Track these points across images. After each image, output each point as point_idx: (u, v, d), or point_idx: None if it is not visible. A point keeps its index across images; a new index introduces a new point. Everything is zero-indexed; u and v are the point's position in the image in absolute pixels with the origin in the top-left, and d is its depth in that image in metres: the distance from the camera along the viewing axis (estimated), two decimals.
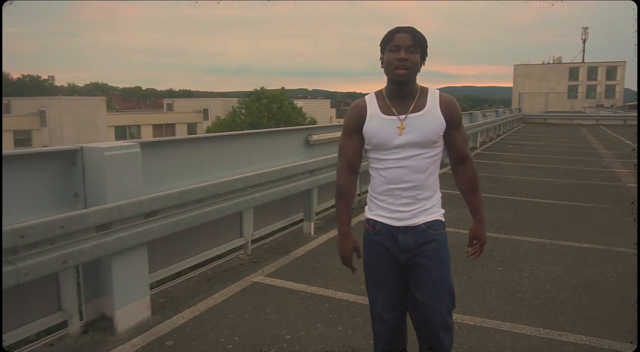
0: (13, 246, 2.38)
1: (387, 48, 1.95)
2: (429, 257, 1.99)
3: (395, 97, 1.97)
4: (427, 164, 1.98)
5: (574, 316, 3.44)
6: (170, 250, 3.73)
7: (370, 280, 2.13)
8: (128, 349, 2.91)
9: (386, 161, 1.98)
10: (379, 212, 2.04)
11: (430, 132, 1.95)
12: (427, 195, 2.01)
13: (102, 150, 2.90)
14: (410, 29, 1.94)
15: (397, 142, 1.94)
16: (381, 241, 2.03)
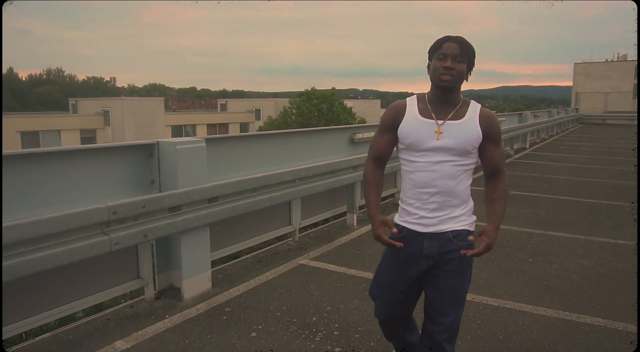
0: (107, 220, 2.95)
1: (434, 56, 1.98)
2: (450, 266, 2.00)
3: (436, 103, 1.99)
4: (457, 171, 1.98)
5: (594, 302, 3.70)
6: (227, 234, 4.25)
7: (380, 284, 2.18)
8: (193, 312, 3.44)
9: (416, 163, 1.99)
10: (406, 217, 2.06)
11: (465, 141, 1.96)
12: (456, 203, 2.01)
13: (175, 144, 3.45)
14: (459, 39, 1.96)
15: (430, 145, 1.96)
16: (405, 245, 2.03)
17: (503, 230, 5.69)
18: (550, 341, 3.11)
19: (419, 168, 1.99)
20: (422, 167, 1.98)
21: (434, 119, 1.97)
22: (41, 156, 2.92)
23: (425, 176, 1.98)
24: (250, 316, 3.40)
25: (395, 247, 2.03)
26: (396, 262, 2.08)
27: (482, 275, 4.22)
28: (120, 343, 3.00)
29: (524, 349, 3.01)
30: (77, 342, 3.02)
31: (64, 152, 3.09)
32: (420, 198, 2.00)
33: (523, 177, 9.70)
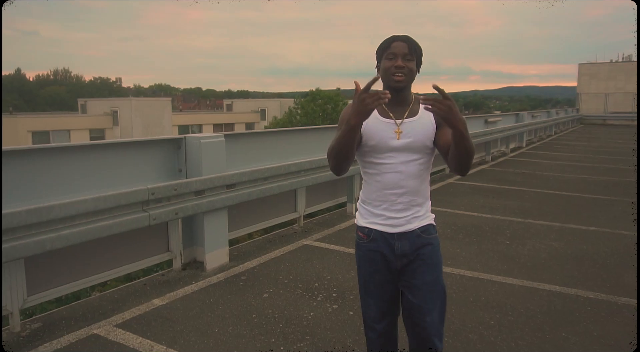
0: (147, 199, 3.62)
1: (383, 56, 1.98)
2: (424, 260, 2.02)
3: (391, 104, 1.97)
4: (421, 170, 2.00)
5: (556, 274, 4.34)
6: (242, 217, 4.91)
7: (363, 288, 2.14)
8: (214, 280, 4.10)
9: (382, 165, 1.98)
10: (372, 219, 2.04)
11: (423, 136, 1.97)
12: (420, 201, 2.03)
13: (199, 139, 4.12)
14: (406, 38, 1.97)
15: (394, 145, 1.96)
16: (376, 248, 2.03)
17: (486, 218, 6.34)
18: (512, 302, 3.75)
19: (386, 170, 1.98)
20: (389, 169, 1.97)
21: (393, 119, 1.97)
22: (98, 147, 3.61)
23: (392, 177, 1.97)
24: (262, 282, 4.06)
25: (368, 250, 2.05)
26: (374, 264, 2.06)
27: (463, 254, 4.86)
28: (157, 300, 3.67)
29: (489, 307, 3.64)
30: (123, 299, 3.69)
31: (116, 144, 3.79)
32: (388, 199, 2.00)
33: (514, 174, 10.32)
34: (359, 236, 2.11)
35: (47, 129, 37.75)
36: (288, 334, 3.18)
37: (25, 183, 3.17)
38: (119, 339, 3.10)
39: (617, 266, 4.61)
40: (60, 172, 3.35)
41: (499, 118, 13.86)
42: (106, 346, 3.01)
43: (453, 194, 8.00)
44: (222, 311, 3.51)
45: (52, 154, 3.38)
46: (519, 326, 3.35)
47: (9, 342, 3.05)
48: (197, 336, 3.14)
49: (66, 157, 3.41)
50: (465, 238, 5.43)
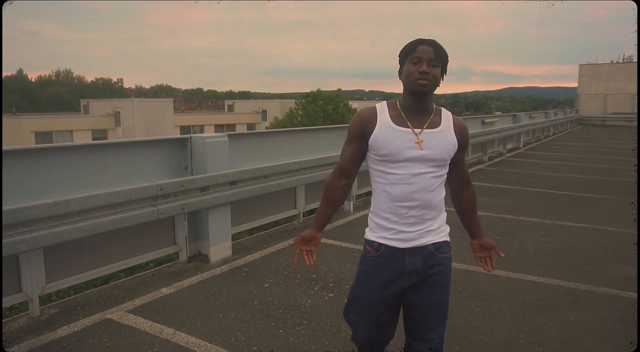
0: (156, 195, 3.87)
1: (407, 60, 1.88)
2: (435, 281, 1.94)
3: (411, 110, 1.90)
4: (435, 183, 1.90)
5: (540, 267, 4.58)
6: (244, 213, 5.16)
7: (357, 305, 2.03)
8: (218, 271, 4.35)
9: (393, 176, 1.89)
10: (382, 233, 1.94)
11: (444, 151, 1.89)
12: (434, 215, 1.94)
13: (204, 138, 4.37)
14: (433, 42, 1.87)
15: (410, 155, 1.85)
16: (384, 264, 1.94)
17: (480, 215, 6.55)
18: (497, 291, 4.00)
19: (396, 181, 1.88)
20: (400, 180, 1.87)
21: (410, 128, 1.87)
22: (111, 146, 3.88)
23: (403, 189, 1.87)
24: (263, 273, 4.31)
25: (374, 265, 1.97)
26: (377, 282, 1.96)
27: (454, 248, 5.04)
28: (165, 289, 3.92)
29: (476, 296, 3.89)
30: (132, 288, 3.94)
31: (127, 143, 4.08)
32: (398, 212, 1.90)
33: (510, 173, 10.56)
34: (367, 249, 1.99)
35: (49, 129, 37.99)
36: (287, 319, 3.43)
37: (47, 179, 3.43)
38: (131, 322, 3.35)
39: (600, 259, 4.86)
40: (77, 169, 3.63)
41: (496, 119, 14.11)
42: (119, 329, 3.26)
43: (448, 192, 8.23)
44: (225, 298, 3.77)
45: (70, 151, 3.66)
46: (502, 312, 3.60)
47: (29, 326, 3.30)
48: (202, 320, 3.39)
49: (82, 155, 3.68)
50: (457, 234, 5.59)
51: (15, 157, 3.31)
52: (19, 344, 3.05)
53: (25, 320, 3.39)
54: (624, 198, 7.95)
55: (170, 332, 3.21)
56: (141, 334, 3.20)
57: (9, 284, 3.34)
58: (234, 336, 3.18)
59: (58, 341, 3.11)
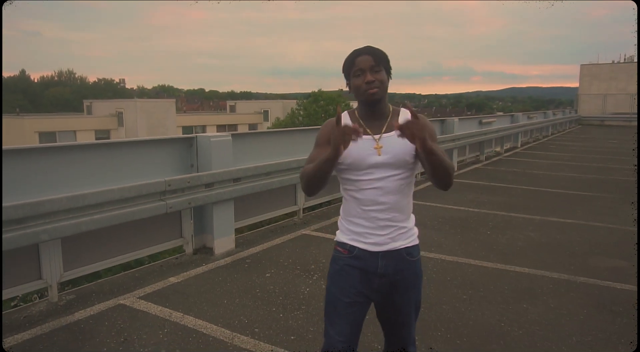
0: (164, 190, 4.15)
1: (351, 74, 1.93)
2: (405, 282, 2.00)
3: (368, 118, 1.96)
4: (401, 185, 1.94)
5: (528, 259, 4.84)
6: (247, 209, 5.43)
7: (332, 306, 2.04)
8: (222, 262, 4.63)
9: (360, 182, 1.93)
10: (355, 237, 1.99)
11: (403, 152, 1.90)
12: (403, 217, 1.98)
13: (209, 137, 4.64)
14: (369, 49, 1.92)
15: (372, 161, 1.90)
16: (356, 264, 1.98)
17: (473, 212, 6.85)
18: (484, 281, 4.26)
19: (364, 186, 1.93)
20: (367, 185, 1.92)
21: (370, 135, 1.93)
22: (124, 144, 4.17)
23: (371, 194, 1.92)
24: (265, 264, 4.58)
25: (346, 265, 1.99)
26: (350, 281, 1.99)
27: (446, 242, 5.37)
28: (173, 278, 4.19)
29: (464, 285, 4.16)
30: (142, 278, 4.22)
31: (138, 142, 4.37)
32: (368, 216, 1.95)
33: (506, 172, 10.82)
34: (338, 251, 2.03)
35: (53, 129, 38.25)
36: (287, 305, 3.70)
37: (66, 174, 3.72)
38: (142, 307, 3.63)
39: (584, 252, 5.12)
40: (94, 165, 3.92)
41: (493, 119, 14.36)
42: (132, 313, 3.54)
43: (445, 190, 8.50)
44: (229, 287, 4.04)
45: (88, 149, 3.97)
46: (487, 299, 3.87)
47: (49, 310, 3.58)
48: (208, 306, 3.67)
49: (99, 152, 3.97)
50: (450, 229, 5.94)
51: (38, 154, 3.60)
52: (41, 326, 3.33)
53: (44, 305, 3.67)
54: (615, 196, 8.20)
55: (179, 316, 3.48)
56: (152, 317, 3.48)
57: (30, 271, 3.62)
58: (237, 319, 3.45)
59: (76, 323, 3.39)
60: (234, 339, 3.17)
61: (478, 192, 8.40)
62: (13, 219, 3.20)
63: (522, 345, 3.16)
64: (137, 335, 3.22)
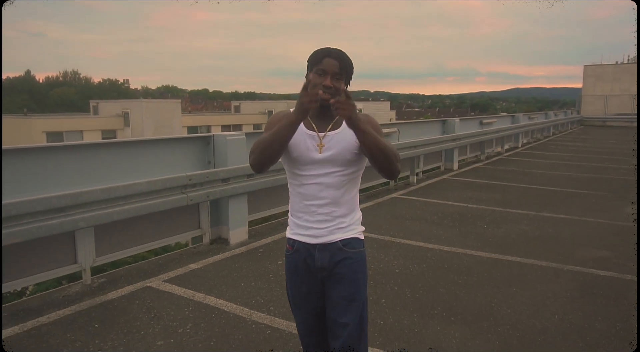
0: (186, 184, 4.54)
1: (313, 70, 1.94)
2: (341, 274, 2.01)
3: (316, 116, 1.99)
4: (343, 181, 1.98)
5: (519, 250, 5.21)
6: (259, 203, 5.82)
7: (292, 300, 2.14)
8: (237, 252, 5.02)
9: (302, 177, 1.99)
10: (297, 230, 2.05)
11: (344, 149, 1.95)
12: (343, 212, 2.01)
13: (225, 136, 5.04)
14: (339, 55, 1.94)
15: (314, 157, 1.95)
16: (299, 259, 2.04)
17: (471, 208, 7.22)
18: (478, 268, 4.64)
19: (306, 181, 1.98)
20: (309, 180, 1.98)
21: (316, 131, 1.98)
22: (148, 142, 4.58)
23: (312, 189, 1.98)
24: (276, 253, 4.97)
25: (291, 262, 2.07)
26: (296, 277, 2.08)
27: (445, 234, 5.74)
28: (193, 265, 4.59)
29: (459, 271, 4.53)
30: (165, 264, 4.62)
31: (160, 140, 4.77)
32: (309, 210, 2.00)
33: (505, 171, 11.18)
34: (286, 247, 2.11)
35: (60, 129, 38.69)
36: None
37: (99, 169, 4.13)
38: (167, 289, 4.02)
39: (573, 244, 5.49)
40: (124, 160, 4.35)
41: (494, 120, 14.71)
42: (158, 294, 3.93)
43: (445, 188, 8.89)
44: (245, 272, 4.43)
45: (118, 146, 4.42)
46: (479, 283, 4.24)
47: (84, 291, 3.98)
48: (227, 288, 4.06)
49: (127, 149, 4.39)
50: (449, 223, 6.31)
51: (75, 151, 4.01)
52: (79, 303, 3.73)
53: (79, 287, 4.07)
54: (608, 194, 8.56)
55: (201, 296, 3.88)
56: (177, 297, 3.87)
57: (67, 256, 4.02)
58: (254, 299, 3.84)
59: (110, 301, 3.79)
60: (252, 316, 3.56)
61: (477, 189, 8.77)
62: (56, 208, 3.60)
63: (510, 321, 3.53)
64: (165, 312, 3.61)
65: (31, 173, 3.77)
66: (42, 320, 3.47)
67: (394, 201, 7.71)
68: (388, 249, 5.14)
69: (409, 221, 6.38)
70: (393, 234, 5.66)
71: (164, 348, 3.10)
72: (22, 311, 3.62)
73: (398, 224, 6.15)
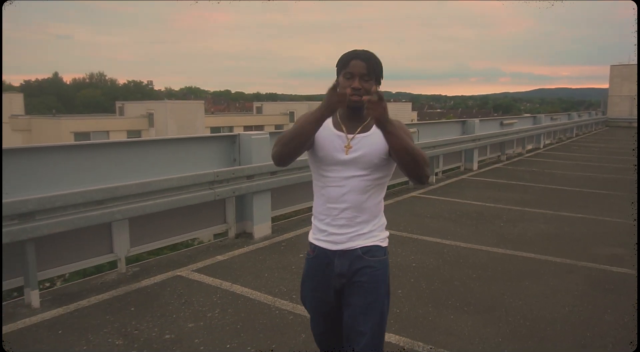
0: (213, 180, 4.81)
1: (341, 73, 1.93)
2: (361, 282, 1.97)
3: (347, 118, 1.99)
4: (368, 186, 1.95)
5: (535, 247, 5.34)
6: (281, 200, 6.07)
7: (308, 304, 2.12)
8: (261, 245, 5.27)
9: (327, 179, 1.97)
10: (318, 235, 2.03)
11: (372, 153, 1.92)
12: (365, 218, 1.97)
13: (250, 135, 5.29)
14: (366, 56, 1.92)
15: (340, 158, 1.93)
16: (318, 265, 2.02)
17: (489, 207, 7.35)
18: (493, 264, 4.80)
19: (329, 183, 1.96)
20: (332, 182, 1.96)
21: (345, 133, 1.96)
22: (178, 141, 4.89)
23: (335, 191, 1.95)
24: (298, 247, 5.20)
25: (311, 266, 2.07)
26: (314, 283, 2.06)
27: (462, 232, 5.90)
28: (219, 257, 4.85)
29: (475, 266, 4.70)
30: (193, 256, 4.89)
31: (189, 139, 5.09)
32: (330, 214, 1.97)
33: (524, 171, 11.23)
34: (307, 251, 2.10)
35: (87, 130, 39.64)
36: None
37: (136, 164, 4.44)
38: (196, 278, 4.29)
39: (589, 242, 5.59)
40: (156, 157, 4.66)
41: (515, 120, 14.72)
42: (188, 282, 4.20)
43: (464, 187, 9.02)
44: (269, 263, 4.68)
45: (152, 144, 4.73)
46: (494, 278, 4.41)
47: (119, 278, 4.27)
48: (252, 278, 4.31)
49: (159, 147, 4.69)
50: (467, 221, 6.46)
51: (115, 147, 4.34)
52: (115, 289, 4.02)
53: (115, 275, 4.37)
54: (629, 194, 8.55)
55: (228, 285, 4.13)
56: (206, 286, 4.13)
57: (103, 247, 4.32)
58: (277, 288, 4.08)
59: (144, 288, 4.07)
60: (276, 303, 3.80)
61: (496, 189, 8.87)
62: (95, 200, 3.90)
63: (520, 312, 3.70)
64: (195, 298, 3.87)
65: (69, 168, 4.08)
66: (83, 303, 3.76)
67: (413, 200, 7.88)
68: (406, 244, 5.32)
69: (427, 218, 6.55)
70: (411, 230, 5.84)
71: (195, 330, 3.35)
72: (65, 295, 3.93)
73: (416, 222, 6.33)
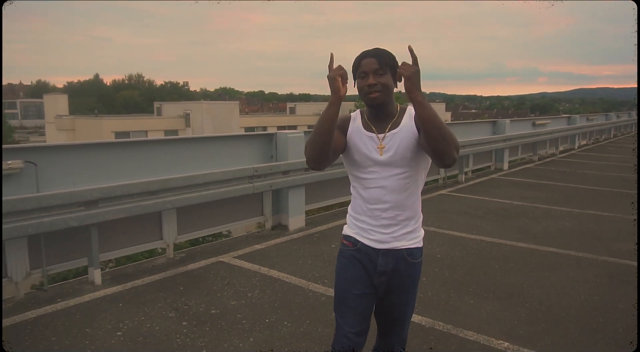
0: (252, 175, 5.23)
1: (357, 75, 1.95)
2: (401, 283, 2.04)
3: (374, 119, 1.99)
4: (406, 183, 1.96)
5: (558, 242, 5.54)
6: (315, 195, 6.44)
7: (342, 298, 2.08)
8: (295, 236, 5.65)
9: (365, 181, 1.98)
10: (360, 232, 2.04)
11: (405, 148, 1.93)
12: (407, 215, 2.00)
13: (287, 134, 5.69)
14: (375, 52, 1.93)
15: (376, 159, 1.95)
16: (361, 258, 2.02)
17: (516, 204, 7.53)
18: (515, 256, 5.04)
19: (369, 184, 1.98)
20: (371, 183, 1.97)
21: (375, 133, 1.97)
22: (221, 138, 5.33)
23: (375, 192, 1.97)
24: (330, 239, 5.57)
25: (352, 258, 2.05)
26: (354, 273, 2.05)
27: (488, 227, 6.14)
28: (257, 246, 5.26)
29: (497, 258, 4.95)
30: (233, 244, 5.32)
31: (230, 137, 5.53)
32: (373, 214, 1.99)
33: (555, 171, 11.28)
34: (344, 244, 2.09)
35: (127, 129, 40.96)
36: None
37: (184, 159, 4.90)
38: (237, 264, 4.70)
39: (612, 238, 5.75)
40: (203, 153, 5.13)
41: (548, 121, 14.69)
42: (229, 267, 4.62)
43: (493, 186, 9.20)
44: (303, 252, 5.06)
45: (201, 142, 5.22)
46: (515, 269, 4.66)
47: (168, 263, 4.72)
48: (287, 264, 4.69)
49: (206, 144, 5.15)
50: (493, 217, 6.69)
51: (165, 145, 4.81)
52: (165, 272, 4.47)
53: (164, 259, 4.83)
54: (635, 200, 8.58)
55: (266, 270, 4.53)
56: (245, 270, 4.54)
57: (155, 234, 4.78)
58: (311, 274, 4.45)
59: (190, 271, 4.51)
60: (309, 286, 4.17)
61: (524, 188, 9.02)
62: (149, 191, 4.36)
63: (538, 299, 3.95)
64: (236, 280, 4.28)
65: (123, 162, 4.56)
66: (138, 282, 4.22)
67: (441, 197, 8.12)
68: (432, 238, 5.61)
69: (454, 214, 6.80)
70: (438, 225, 6.12)
71: (237, 307, 3.75)
72: (122, 275, 4.41)
73: (444, 217, 6.59)
